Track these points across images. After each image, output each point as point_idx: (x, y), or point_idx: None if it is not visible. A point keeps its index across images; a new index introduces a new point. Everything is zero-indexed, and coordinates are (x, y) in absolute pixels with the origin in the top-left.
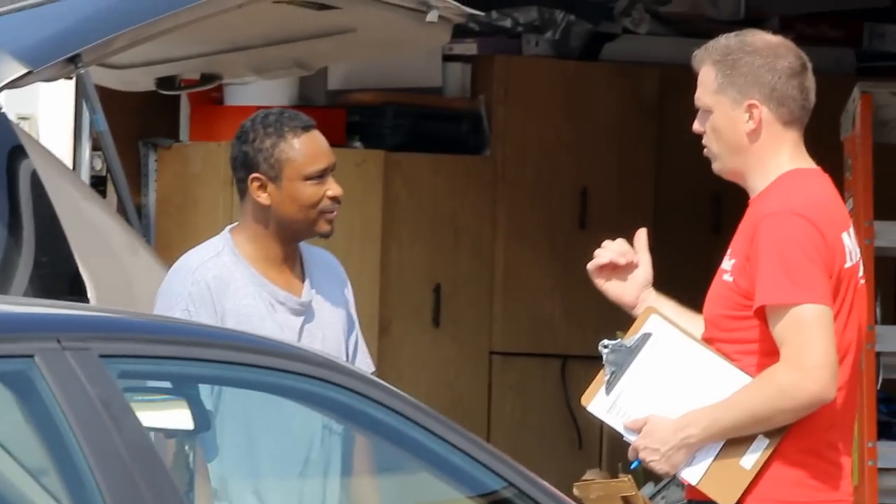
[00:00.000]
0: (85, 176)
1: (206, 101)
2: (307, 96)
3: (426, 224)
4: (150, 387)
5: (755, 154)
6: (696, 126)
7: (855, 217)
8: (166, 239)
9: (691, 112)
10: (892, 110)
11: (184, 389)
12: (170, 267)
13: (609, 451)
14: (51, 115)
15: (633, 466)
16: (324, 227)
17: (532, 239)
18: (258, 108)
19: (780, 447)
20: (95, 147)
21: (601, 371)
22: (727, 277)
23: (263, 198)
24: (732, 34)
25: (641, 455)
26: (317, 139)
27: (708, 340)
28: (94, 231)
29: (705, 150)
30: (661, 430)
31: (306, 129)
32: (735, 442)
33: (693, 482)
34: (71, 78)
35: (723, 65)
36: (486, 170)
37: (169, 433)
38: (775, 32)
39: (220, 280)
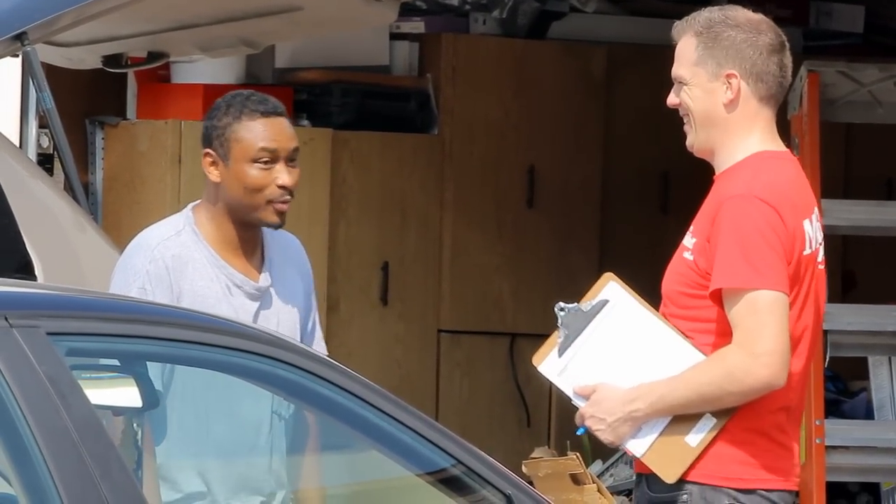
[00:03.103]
0: (32, 154)
1: (153, 78)
2: (254, 74)
3: (374, 202)
4: (98, 364)
5: (728, 127)
6: (671, 99)
7: None
8: (114, 217)
9: (639, 90)
10: (838, 89)
11: (132, 367)
12: (117, 244)
13: (557, 429)
14: None
15: (579, 432)
16: (271, 217)
17: (480, 217)
18: (205, 86)
19: (727, 425)
20: (42, 125)
21: (554, 333)
22: (687, 255)
23: (214, 175)
24: (716, 8)
25: (588, 423)
26: (275, 125)
27: (664, 315)
28: (41, 209)
29: (685, 125)
30: (608, 401)
31: (267, 114)
32: (682, 419)
33: (637, 454)
34: (17, 56)
35: (704, 37)
36: (433, 148)
37: (117, 411)
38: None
39: (178, 259)
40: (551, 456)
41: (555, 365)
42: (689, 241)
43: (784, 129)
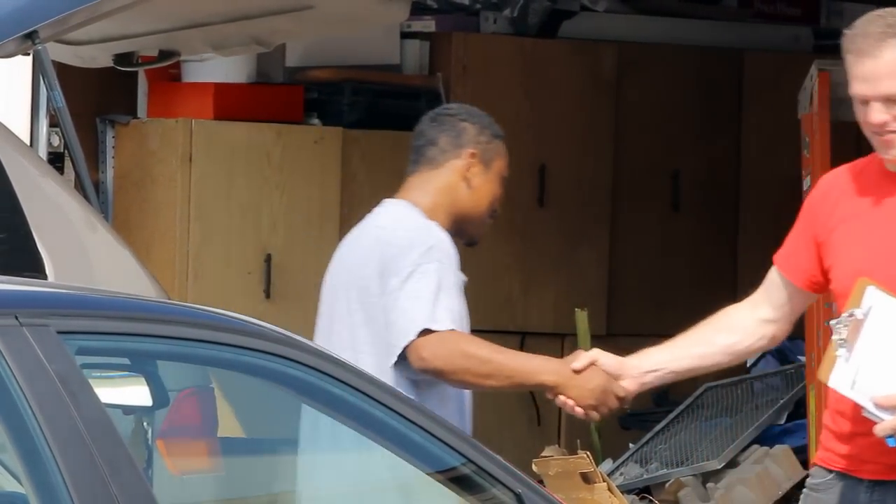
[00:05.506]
0: (42, 152)
1: (163, 77)
2: (265, 73)
3: None
4: (109, 363)
5: None
6: (880, 117)
7: None
8: (124, 216)
9: (649, 89)
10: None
11: (142, 366)
12: (128, 243)
13: (567, 427)
14: (8, 92)
15: (891, 443)
16: (477, 233)
17: None
18: (216, 85)
19: None
20: (53, 124)
21: (830, 346)
22: None
23: (469, 173)
24: (871, 13)
25: None
26: None
27: None
28: (52, 208)
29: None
30: None
31: (503, 139)
32: None
33: None
34: (28, 54)
35: None
36: None
37: (127, 409)
38: (733, 10)
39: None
40: (561, 455)
41: (844, 378)
42: None
43: (795, 127)
